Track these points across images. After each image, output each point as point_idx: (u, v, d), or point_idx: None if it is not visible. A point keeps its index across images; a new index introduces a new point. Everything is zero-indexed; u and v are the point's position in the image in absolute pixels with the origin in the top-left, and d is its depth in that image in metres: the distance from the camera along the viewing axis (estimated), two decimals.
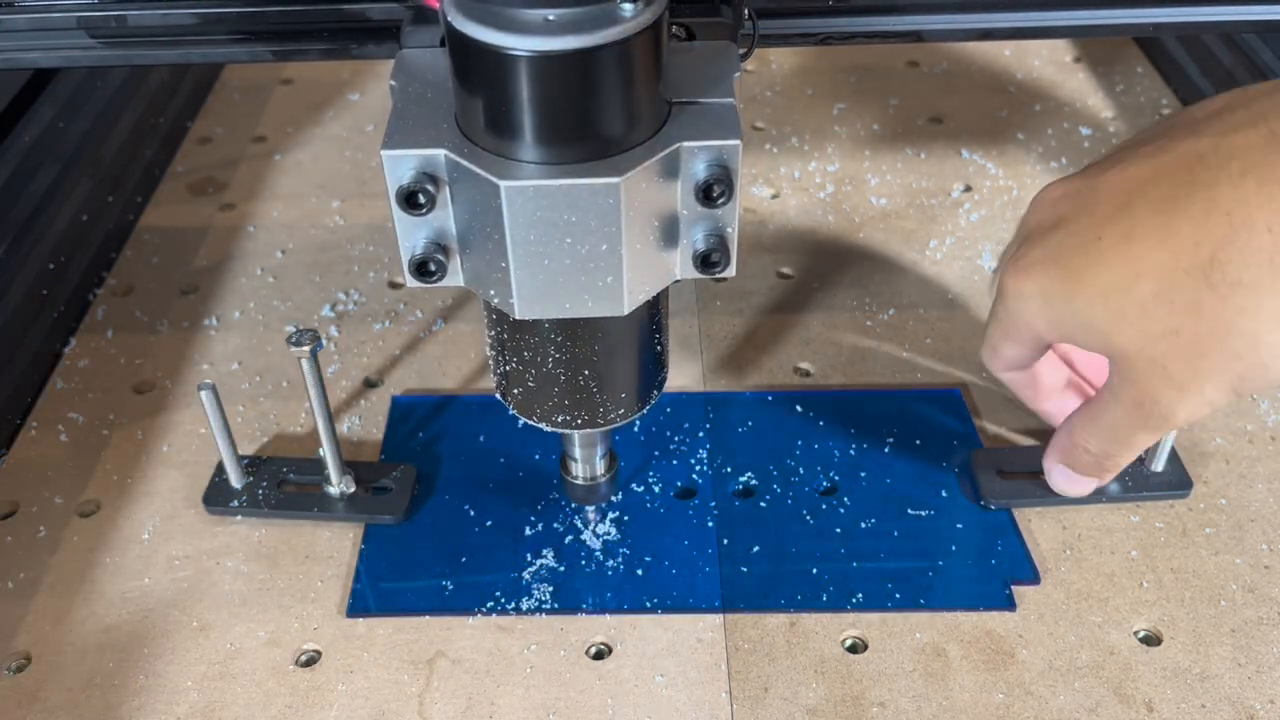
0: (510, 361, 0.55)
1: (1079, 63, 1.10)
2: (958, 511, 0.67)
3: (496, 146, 0.47)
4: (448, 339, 0.80)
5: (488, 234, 0.48)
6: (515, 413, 0.58)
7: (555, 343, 0.53)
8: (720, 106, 0.48)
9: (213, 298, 0.84)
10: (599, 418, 0.57)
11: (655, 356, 0.57)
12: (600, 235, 0.47)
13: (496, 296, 0.50)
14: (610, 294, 0.49)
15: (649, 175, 0.46)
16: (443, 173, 0.47)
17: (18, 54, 0.64)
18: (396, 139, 0.47)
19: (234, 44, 0.63)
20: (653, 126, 0.47)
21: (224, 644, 0.61)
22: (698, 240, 0.49)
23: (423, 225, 0.49)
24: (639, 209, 0.47)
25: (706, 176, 0.47)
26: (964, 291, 0.83)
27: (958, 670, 0.59)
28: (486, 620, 0.62)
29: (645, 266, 0.49)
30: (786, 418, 0.73)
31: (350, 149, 1.00)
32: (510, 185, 0.45)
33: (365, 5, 0.62)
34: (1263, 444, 0.71)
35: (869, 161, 0.96)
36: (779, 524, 0.66)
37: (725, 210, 0.48)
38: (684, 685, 0.59)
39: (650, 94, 0.47)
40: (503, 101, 0.45)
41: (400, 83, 0.51)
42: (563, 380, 0.55)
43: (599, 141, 0.46)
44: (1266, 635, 0.60)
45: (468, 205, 0.48)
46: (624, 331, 0.54)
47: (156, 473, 0.71)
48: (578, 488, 0.64)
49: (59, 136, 0.85)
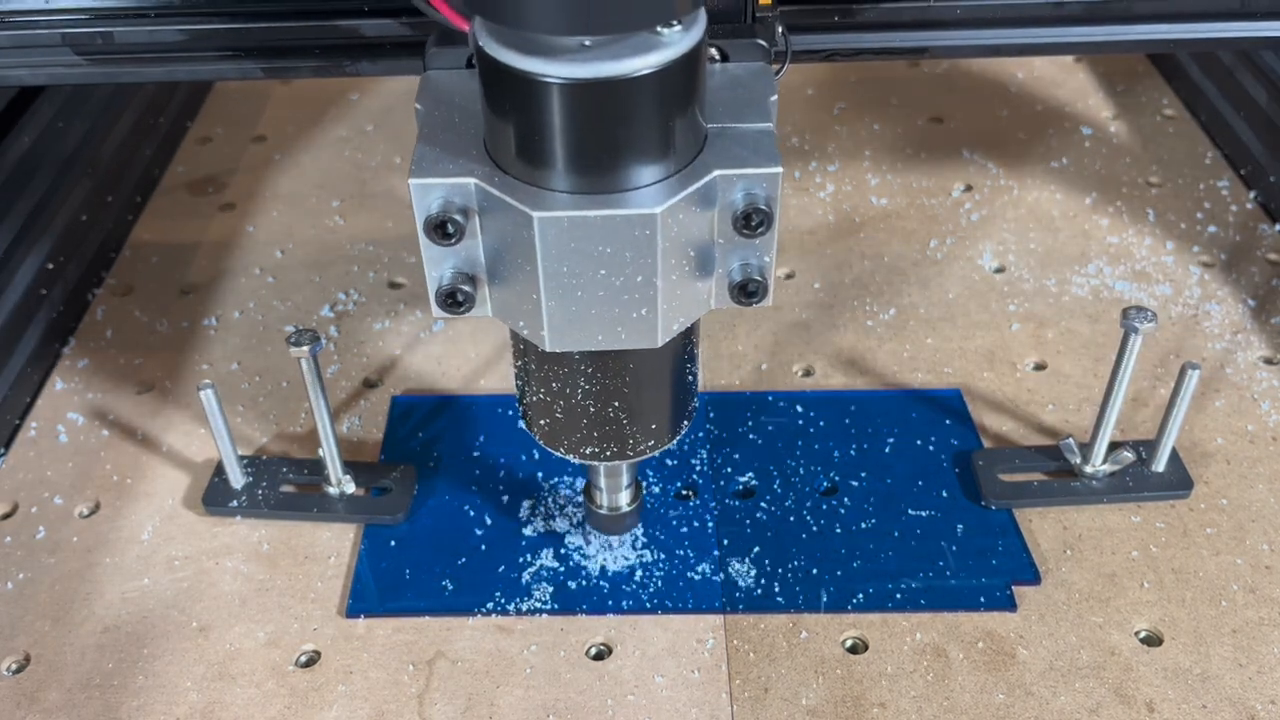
0: (538, 393, 0.54)
1: (1079, 63, 1.10)
2: (958, 512, 0.67)
3: (528, 175, 0.45)
4: (448, 339, 0.80)
5: (518, 264, 0.46)
6: (542, 444, 0.56)
7: (585, 374, 0.52)
8: (757, 132, 0.47)
9: (212, 298, 0.84)
10: (628, 449, 0.55)
11: (686, 387, 0.55)
12: (635, 267, 0.45)
13: (526, 328, 0.48)
14: (644, 326, 0.47)
15: (686, 205, 0.45)
16: (472, 202, 0.46)
17: (2, 71, 0.62)
18: (424, 167, 0.46)
19: (223, 61, 0.62)
20: (690, 154, 0.46)
21: (223, 644, 0.61)
22: (734, 270, 0.48)
23: (450, 255, 0.47)
24: (675, 239, 0.45)
25: (745, 206, 0.45)
26: (964, 291, 0.83)
27: (958, 671, 0.59)
28: (486, 620, 0.62)
29: (680, 298, 0.48)
30: (786, 418, 0.73)
31: (350, 149, 1.00)
32: (543, 216, 0.44)
33: (358, 22, 0.60)
34: (1263, 444, 0.71)
35: (869, 161, 0.96)
36: (779, 524, 0.66)
37: (764, 240, 0.47)
38: (684, 685, 0.59)
39: (688, 121, 0.45)
40: (536, 129, 0.43)
41: (426, 106, 0.49)
42: (592, 412, 0.53)
43: (635, 170, 0.44)
44: (1267, 636, 0.60)
45: (498, 235, 0.46)
46: (656, 363, 0.52)
47: (156, 473, 0.70)
48: (603, 518, 0.62)
49: (58, 136, 0.85)
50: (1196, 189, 0.92)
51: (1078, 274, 0.84)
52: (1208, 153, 0.96)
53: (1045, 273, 0.84)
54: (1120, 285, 0.83)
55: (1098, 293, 0.82)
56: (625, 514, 0.62)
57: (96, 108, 0.89)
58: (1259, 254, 0.85)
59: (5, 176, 0.78)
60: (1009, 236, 0.88)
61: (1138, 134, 0.99)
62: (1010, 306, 0.81)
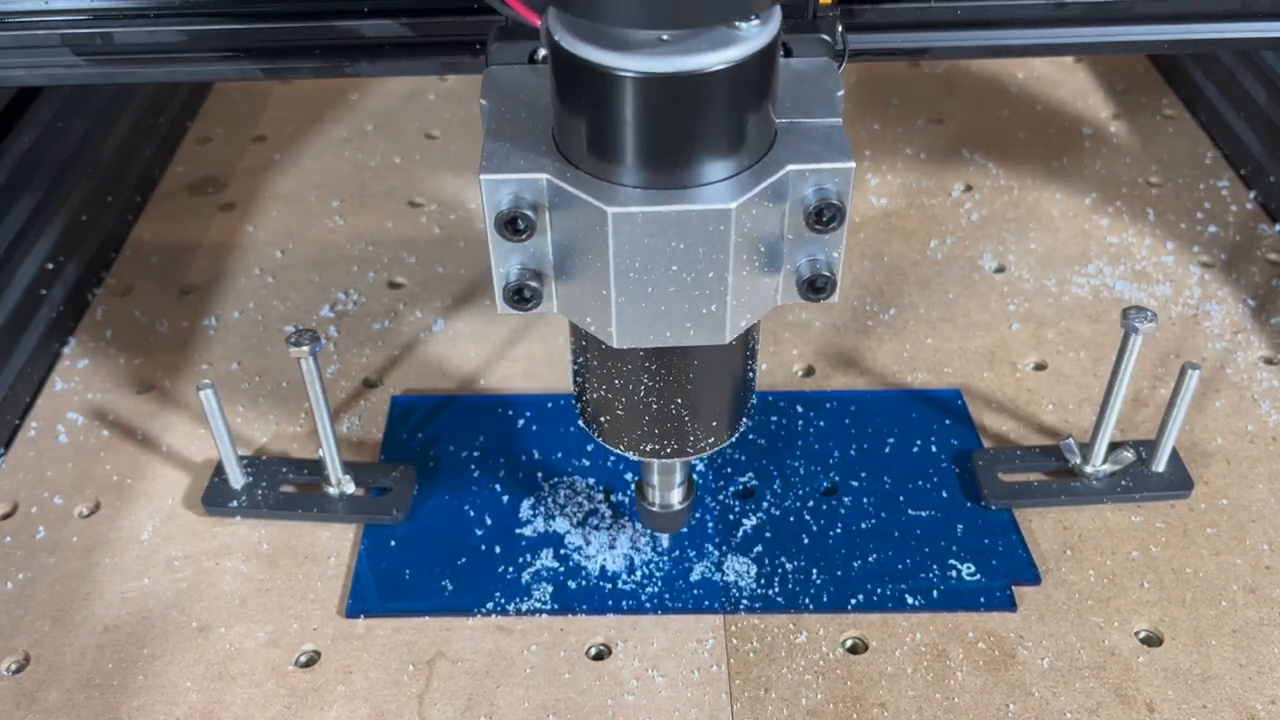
0: (599, 389, 0.53)
1: (1079, 63, 1.10)
2: (958, 512, 0.67)
3: (600, 170, 0.45)
4: (448, 339, 0.80)
5: (589, 261, 0.46)
6: (601, 441, 0.56)
7: (649, 371, 0.51)
8: (827, 127, 0.47)
9: (212, 298, 0.84)
10: (688, 446, 0.55)
11: (747, 384, 0.55)
12: (708, 263, 0.45)
13: (594, 324, 0.48)
14: (713, 322, 0.47)
15: (759, 201, 0.45)
16: (543, 198, 0.45)
17: (2, 72, 0.62)
18: (495, 163, 0.45)
19: (222, 61, 0.62)
20: (762, 149, 0.45)
21: (223, 644, 0.61)
22: (802, 266, 0.47)
23: (518, 251, 0.47)
24: (747, 235, 0.45)
25: (817, 201, 0.45)
26: (964, 291, 0.83)
27: (958, 671, 0.59)
28: (486, 621, 0.62)
29: (749, 294, 0.47)
30: (786, 418, 0.73)
31: (350, 149, 1.00)
32: (619, 212, 0.43)
33: (357, 22, 0.60)
34: (1263, 444, 0.71)
35: (869, 161, 0.96)
36: (779, 524, 0.66)
37: (834, 235, 0.46)
38: (684, 685, 0.58)
39: (761, 116, 0.45)
40: (611, 124, 0.43)
41: (492, 102, 0.49)
42: (654, 409, 0.53)
43: (709, 166, 0.44)
44: (1268, 636, 0.60)
45: (568, 231, 0.46)
46: (720, 360, 0.52)
47: (156, 473, 0.70)
48: (655, 515, 0.62)
49: (58, 136, 0.85)
50: (1196, 189, 0.92)
51: (1078, 274, 0.84)
52: (1208, 153, 0.96)
53: (1045, 273, 0.84)
54: (1120, 285, 0.83)
55: (1098, 293, 0.82)
56: (678, 511, 0.61)
57: (96, 108, 0.89)
58: (1259, 254, 0.85)
59: (5, 176, 0.78)
60: (1009, 236, 0.88)
61: (1138, 134, 0.99)
62: (1010, 306, 0.81)
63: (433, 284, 0.85)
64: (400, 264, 0.87)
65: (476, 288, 0.84)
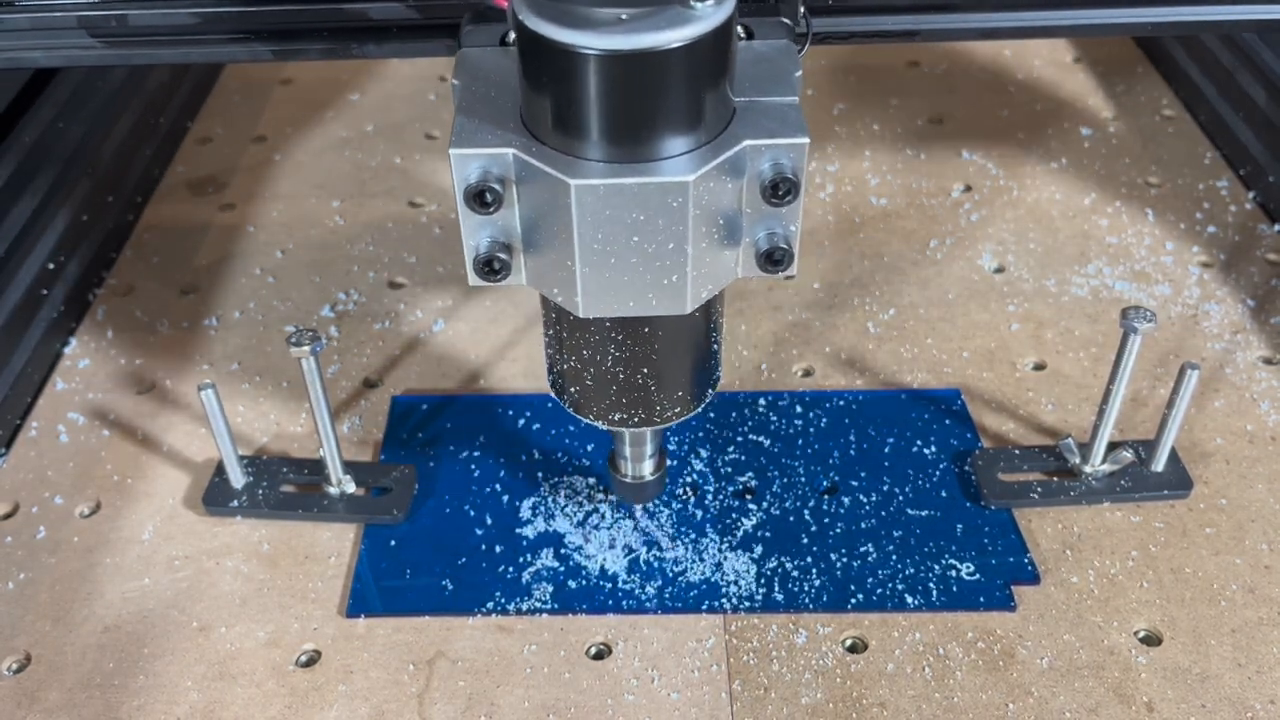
0: (569, 360, 0.55)
1: (1079, 63, 1.10)
2: (957, 511, 0.67)
3: (564, 145, 0.46)
4: (448, 339, 0.80)
5: (554, 232, 0.48)
6: (571, 411, 0.58)
7: (615, 341, 0.53)
8: (784, 105, 0.48)
9: (213, 298, 0.84)
10: (655, 416, 0.56)
11: (712, 355, 0.57)
12: (667, 234, 0.47)
13: (560, 295, 0.50)
14: (674, 293, 0.49)
15: (717, 174, 0.46)
16: (510, 172, 0.47)
17: (19, 53, 0.64)
18: (464, 138, 0.47)
19: (233, 43, 0.63)
20: (719, 125, 0.47)
21: (224, 644, 0.61)
22: (760, 239, 0.49)
23: (488, 224, 0.49)
24: (705, 208, 0.47)
25: (773, 175, 0.47)
26: (964, 291, 0.83)
27: (958, 670, 0.59)
28: (486, 620, 0.62)
29: (709, 265, 0.49)
30: (786, 418, 0.73)
31: (350, 149, 1.00)
32: (581, 184, 0.45)
33: (365, 5, 0.62)
34: (1263, 444, 0.71)
35: (869, 161, 0.96)
36: (779, 524, 0.66)
37: (790, 209, 0.48)
38: (684, 685, 0.59)
39: (718, 93, 0.46)
40: (573, 100, 0.45)
41: (463, 82, 0.51)
42: (621, 379, 0.54)
43: (668, 140, 0.46)
44: (1267, 635, 0.60)
45: (534, 204, 0.48)
46: (683, 330, 0.54)
47: (156, 473, 0.71)
48: (627, 486, 0.63)
49: (59, 136, 0.85)
50: (1196, 189, 0.92)
51: (1077, 274, 0.84)
52: (1207, 153, 0.96)
53: (1045, 273, 0.84)
54: (1120, 285, 0.83)
55: (1097, 293, 0.82)
56: (648, 482, 0.63)
57: (97, 108, 0.89)
58: (1258, 254, 0.85)
59: (7, 176, 0.79)
60: (1008, 237, 0.88)
61: (1137, 134, 0.99)
62: (1010, 306, 0.81)
63: (433, 284, 0.85)
64: (401, 264, 0.87)
65: (477, 288, 0.84)
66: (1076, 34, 0.66)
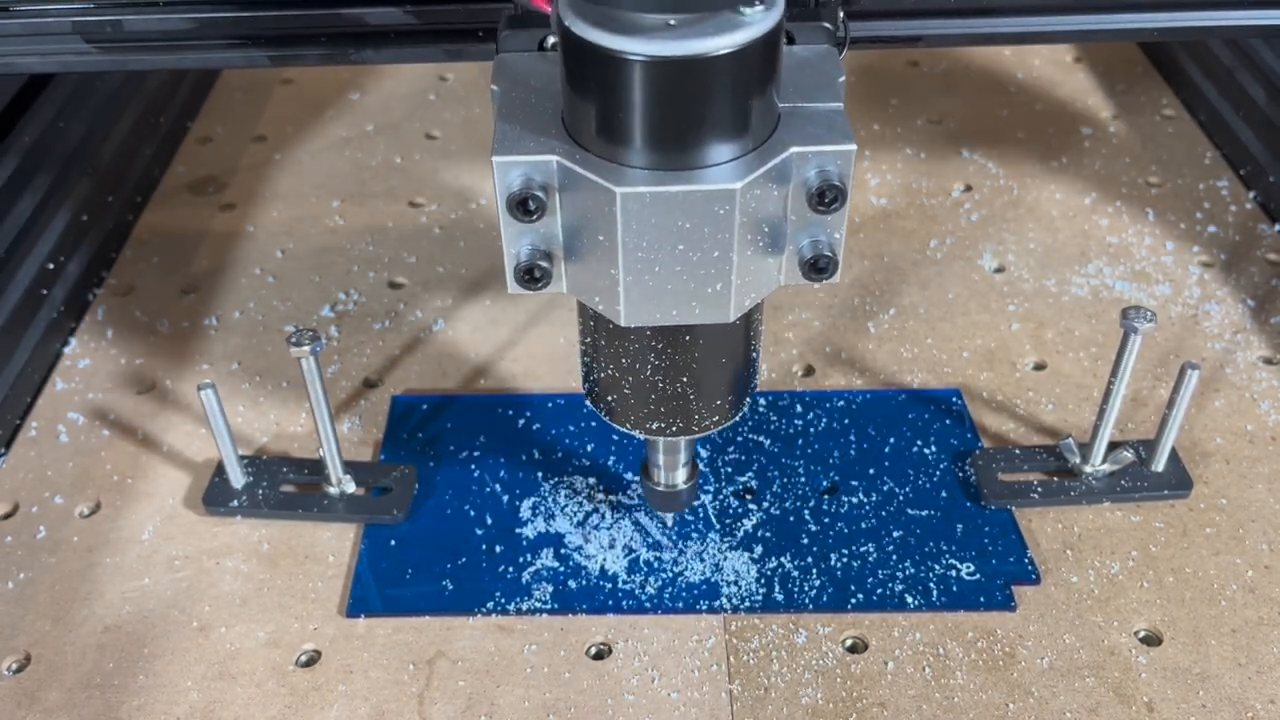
0: (606, 369, 0.55)
1: (1079, 63, 1.10)
2: (958, 511, 0.67)
3: (608, 152, 0.46)
4: (448, 339, 0.80)
5: (597, 240, 0.47)
6: (607, 419, 0.57)
7: (655, 350, 0.52)
8: (829, 111, 0.48)
9: (213, 298, 0.84)
10: (693, 425, 0.56)
11: (751, 364, 0.56)
12: (713, 242, 0.46)
13: (601, 304, 0.49)
14: (718, 301, 0.48)
15: (763, 182, 0.46)
16: (553, 179, 0.46)
17: (13, 59, 0.63)
18: (506, 145, 0.46)
19: (230, 49, 0.63)
20: (766, 132, 0.47)
21: (224, 644, 0.61)
22: (804, 246, 0.49)
23: (529, 232, 0.48)
24: (751, 215, 0.46)
25: (819, 183, 0.46)
26: (964, 291, 0.83)
27: (958, 670, 0.59)
28: (486, 620, 0.62)
29: (753, 273, 0.49)
30: (786, 418, 0.73)
31: (350, 149, 1.00)
32: (626, 192, 0.45)
33: (362, 10, 0.61)
34: (1263, 444, 0.71)
35: (869, 161, 0.96)
36: (779, 524, 0.66)
37: (835, 216, 0.48)
38: (684, 685, 0.59)
39: (765, 100, 0.46)
40: (619, 107, 0.44)
41: (502, 88, 0.50)
42: (660, 387, 0.54)
43: (714, 148, 0.45)
44: (1267, 635, 0.60)
45: (577, 211, 0.47)
46: (724, 339, 0.53)
47: (156, 473, 0.71)
48: (660, 494, 0.63)
49: (59, 136, 0.85)
50: (1196, 189, 0.92)
51: (1077, 274, 0.84)
52: (1207, 153, 0.96)
53: (1045, 273, 0.84)
54: (1120, 285, 0.83)
55: (1097, 293, 0.82)
56: (681, 491, 0.63)
57: (97, 107, 0.89)
58: (1258, 254, 0.85)
59: (7, 176, 0.79)
60: (1009, 236, 0.88)
61: (1137, 134, 0.99)
62: (1010, 306, 0.81)
63: (433, 284, 0.85)
64: (401, 264, 0.87)
65: (477, 287, 0.84)
66: (1080, 39, 0.66)
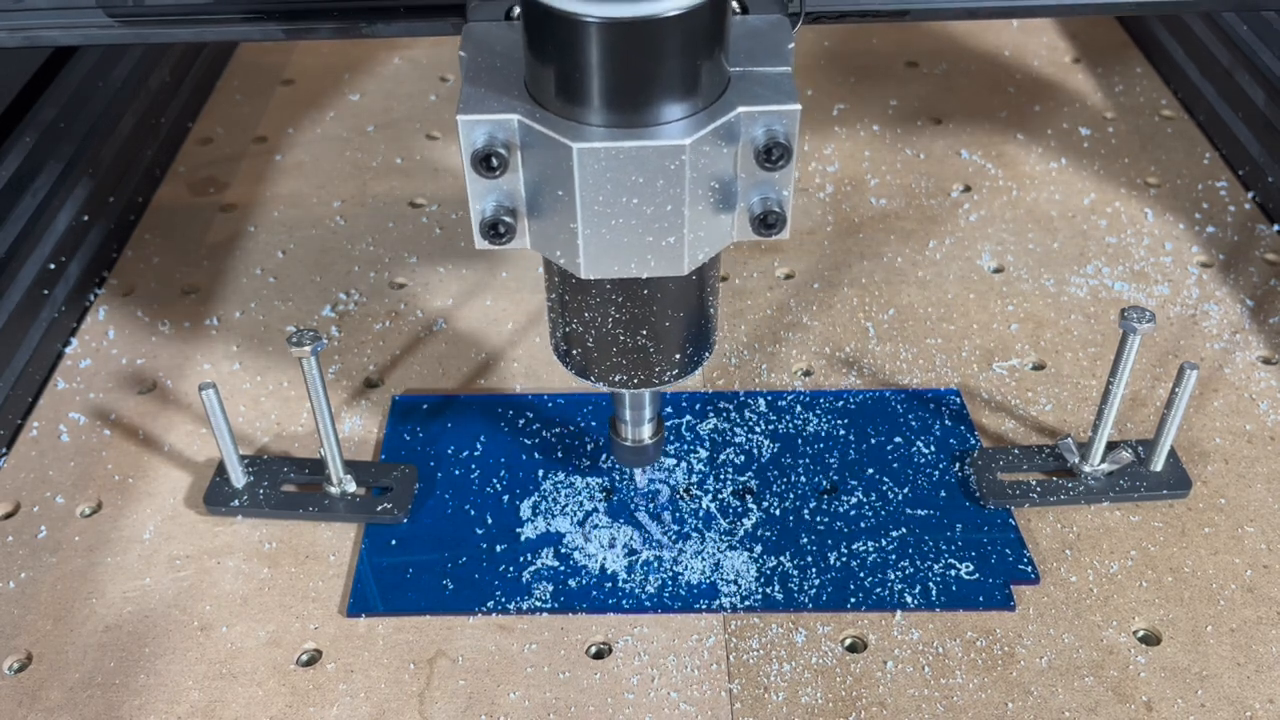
0: (571, 323, 0.57)
1: (1078, 63, 1.10)
2: (957, 511, 0.67)
3: (567, 111, 0.48)
4: (448, 339, 0.80)
5: (557, 196, 0.49)
6: (574, 373, 0.59)
7: (615, 303, 0.55)
8: (777, 75, 0.50)
9: (213, 298, 0.84)
10: (654, 378, 0.58)
11: (708, 319, 0.59)
12: (665, 196, 0.49)
13: (563, 257, 0.52)
14: (672, 254, 0.51)
15: (712, 139, 0.48)
16: (515, 137, 0.49)
17: (38, 31, 0.66)
18: (471, 105, 0.49)
19: (246, 23, 0.65)
20: (715, 93, 0.49)
21: (225, 643, 0.61)
22: (754, 203, 0.51)
23: (493, 189, 0.51)
24: (701, 171, 0.49)
25: (766, 140, 0.49)
26: (964, 291, 0.83)
27: (957, 670, 0.59)
28: (486, 620, 0.62)
29: (705, 228, 0.51)
30: (786, 418, 0.73)
31: (350, 149, 1.00)
32: (582, 147, 0.47)
33: None
34: (1261, 444, 0.71)
35: (869, 162, 0.97)
36: (779, 524, 0.67)
37: (782, 174, 0.50)
38: (684, 685, 0.59)
39: (714, 62, 0.48)
40: (576, 67, 0.47)
41: (470, 54, 0.53)
42: (621, 340, 0.56)
43: (666, 106, 0.48)
44: (1265, 635, 0.60)
45: (538, 168, 0.49)
46: (681, 292, 0.55)
47: (157, 473, 0.71)
48: (627, 449, 0.65)
49: (60, 136, 0.85)
50: (1195, 189, 0.92)
51: (1076, 274, 0.84)
52: (1206, 153, 0.97)
53: (1044, 273, 0.84)
54: (1119, 285, 0.83)
55: (1096, 293, 0.82)
56: (647, 446, 0.65)
57: (99, 108, 0.90)
58: (1257, 254, 0.85)
59: (8, 176, 0.79)
60: (1007, 237, 0.88)
61: (1136, 135, 0.99)
62: (1009, 306, 0.81)
63: (434, 284, 0.85)
64: (401, 264, 0.87)
65: (477, 288, 0.84)
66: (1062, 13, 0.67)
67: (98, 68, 0.91)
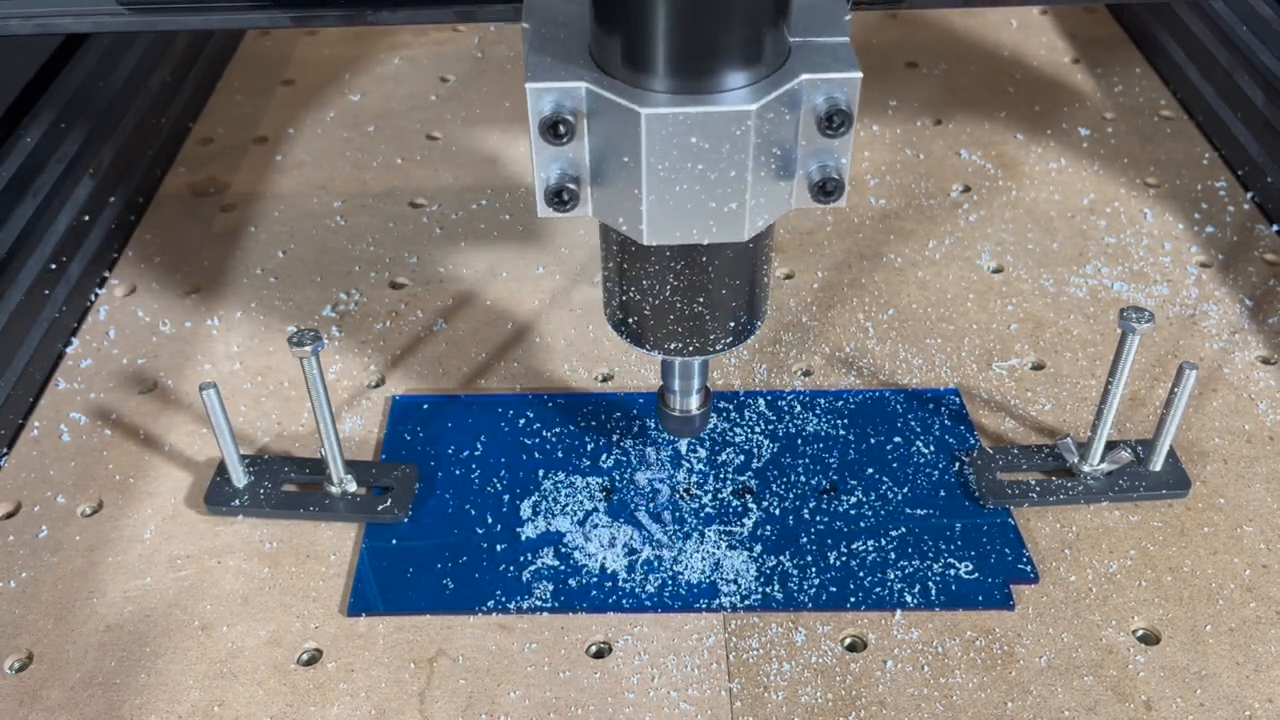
0: (629, 290, 0.58)
1: (1077, 63, 1.10)
2: (957, 511, 0.67)
3: (633, 79, 0.49)
4: (448, 339, 0.80)
5: (622, 163, 0.50)
6: (629, 342, 0.60)
7: (674, 270, 0.55)
8: (836, 45, 0.51)
9: (214, 298, 0.84)
10: (708, 345, 0.59)
11: (763, 288, 0.59)
12: (729, 162, 0.49)
13: (625, 224, 0.52)
14: (733, 221, 0.52)
15: (776, 105, 0.49)
16: (582, 104, 0.50)
17: (51, 19, 0.66)
18: (539, 73, 0.50)
19: (253, 10, 0.66)
20: (778, 61, 0.50)
21: (225, 643, 0.61)
22: (813, 170, 0.52)
23: (558, 156, 0.51)
24: (765, 137, 0.50)
25: (828, 107, 0.49)
26: (964, 291, 0.83)
27: (957, 669, 0.59)
28: (487, 619, 0.62)
29: (766, 194, 0.52)
30: (786, 418, 0.73)
31: (351, 149, 1.00)
32: (650, 113, 0.48)
33: None
34: (1261, 444, 0.71)
35: (869, 162, 0.97)
36: (779, 524, 0.67)
37: (842, 141, 0.51)
38: (684, 685, 0.59)
39: (778, 31, 0.49)
40: (644, 34, 0.47)
41: (532, 25, 0.53)
42: (678, 307, 0.57)
43: (731, 73, 0.48)
44: (1265, 634, 0.60)
45: (604, 135, 0.50)
46: (738, 260, 0.56)
47: (158, 472, 0.71)
48: (675, 419, 0.66)
49: (61, 137, 0.85)
50: (1194, 190, 0.92)
51: (1075, 274, 0.84)
52: (1205, 153, 0.97)
53: (1043, 273, 0.84)
54: (1118, 285, 0.83)
55: (1095, 293, 0.82)
56: (695, 416, 0.66)
57: (99, 108, 0.90)
58: (1256, 254, 0.85)
59: (9, 176, 0.79)
60: (1007, 237, 0.88)
61: (1135, 135, 0.99)
62: (1008, 307, 0.82)
63: (434, 284, 0.85)
64: (402, 264, 0.87)
65: (478, 288, 0.84)
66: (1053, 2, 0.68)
67: (99, 68, 0.91)
